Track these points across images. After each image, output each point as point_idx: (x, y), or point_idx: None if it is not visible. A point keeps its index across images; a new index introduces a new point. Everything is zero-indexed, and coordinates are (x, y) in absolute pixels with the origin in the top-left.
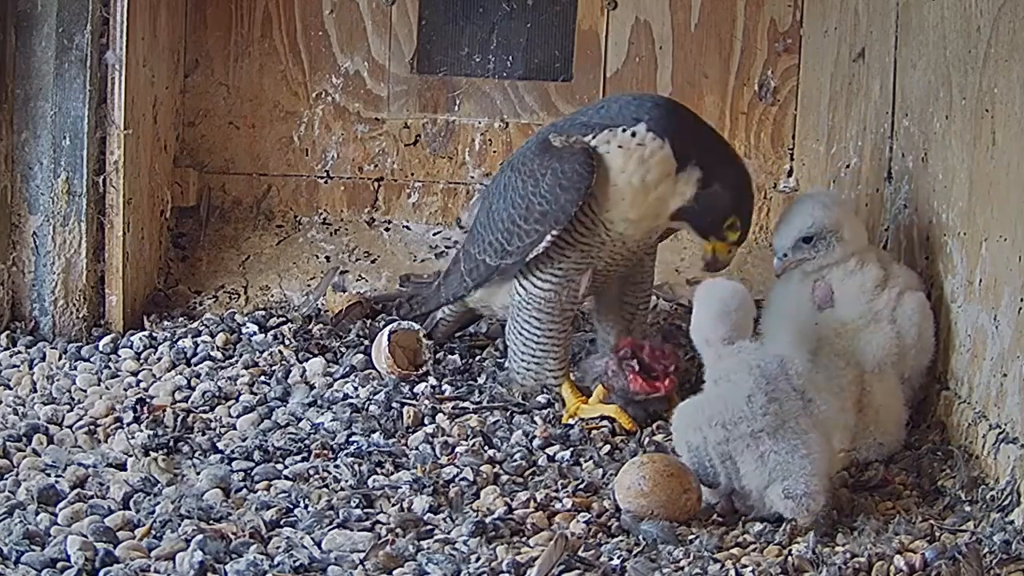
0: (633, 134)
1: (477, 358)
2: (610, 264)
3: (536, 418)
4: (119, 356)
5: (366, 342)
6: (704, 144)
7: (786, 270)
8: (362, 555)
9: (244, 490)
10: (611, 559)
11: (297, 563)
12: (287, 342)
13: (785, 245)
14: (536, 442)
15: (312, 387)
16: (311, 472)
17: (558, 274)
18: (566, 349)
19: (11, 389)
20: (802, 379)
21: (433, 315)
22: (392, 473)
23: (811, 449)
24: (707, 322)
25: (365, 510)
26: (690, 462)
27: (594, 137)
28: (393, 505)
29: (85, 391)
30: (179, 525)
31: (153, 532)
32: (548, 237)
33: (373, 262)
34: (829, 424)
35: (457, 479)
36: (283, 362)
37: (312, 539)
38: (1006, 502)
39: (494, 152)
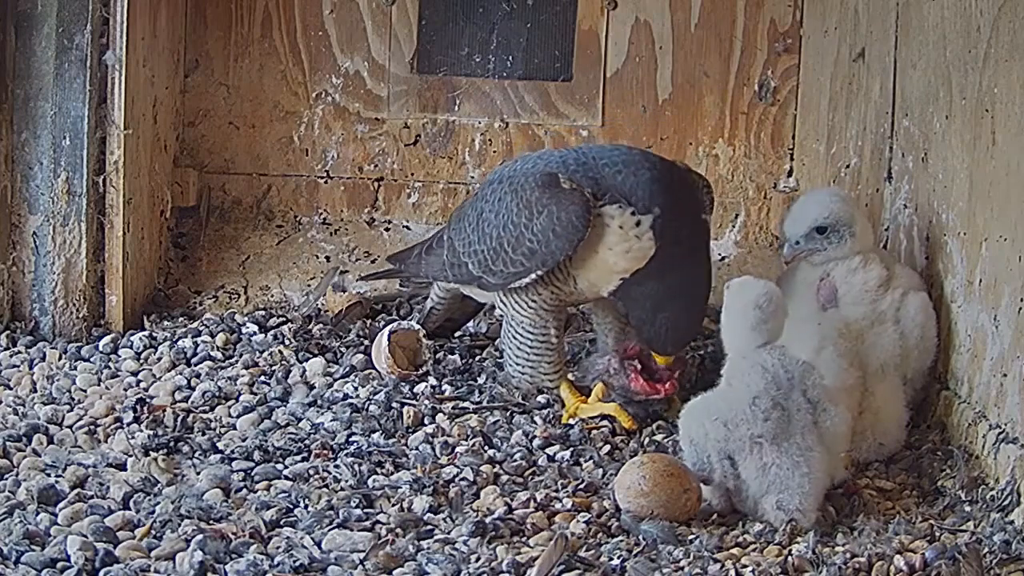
0: (638, 223)
1: (477, 358)
2: (581, 302)
3: (536, 418)
4: (119, 356)
5: (366, 342)
6: (681, 276)
7: (796, 259)
8: (362, 555)
9: (244, 490)
10: (611, 559)
11: (297, 563)
12: (287, 342)
13: (798, 233)
14: (536, 442)
15: (312, 387)
16: (311, 472)
17: (532, 305)
18: (561, 352)
19: (11, 389)
20: (819, 389)
21: (425, 304)
22: (392, 473)
23: (812, 467)
24: (741, 328)
25: (365, 510)
26: (690, 455)
27: (603, 204)
28: (393, 505)
29: (85, 391)
30: (179, 525)
31: (153, 532)
32: (533, 275)
33: (373, 262)
34: (838, 436)
35: (457, 479)
36: (283, 362)
37: (312, 539)
38: (1006, 502)
39: (494, 152)
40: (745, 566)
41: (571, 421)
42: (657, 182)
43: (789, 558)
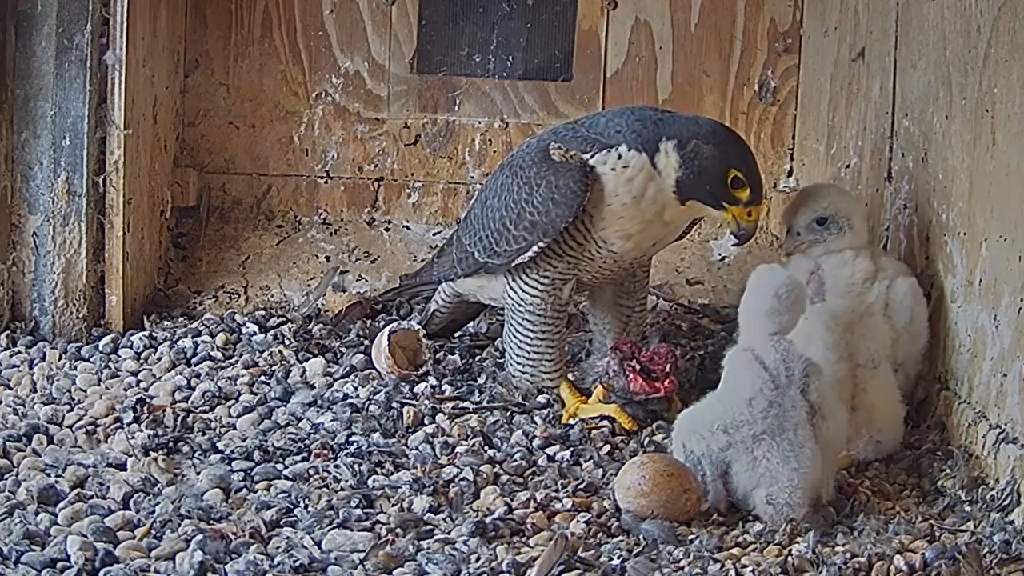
0: (619, 156)
1: (477, 358)
2: (597, 277)
3: (536, 418)
4: (119, 356)
5: (366, 342)
6: (672, 121)
7: (796, 250)
8: (362, 555)
9: (244, 490)
10: (611, 559)
11: (297, 563)
12: (287, 342)
13: (800, 224)
14: (536, 442)
15: (312, 387)
16: (311, 472)
17: (543, 282)
18: (561, 351)
19: (11, 389)
20: (822, 394)
21: (428, 305)
22: (392, 473)
23: (802, 463)
24: (756, 313)
25: (365, 510)
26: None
27: (592, 156)
28: (393, 505)
29: (85, 391)
30: (179, 525)
31: (153, 532)
32: (535, 247)
33: (373, 262)
34: (836, 442)
35: (457, 479)
36: (283, 362)
37: (312, 539)
38: (1006, 502)
39: (494, 152)
40: (745, 566)
41: (571, 421)
42: (622, 113)
43: (789, 558)
